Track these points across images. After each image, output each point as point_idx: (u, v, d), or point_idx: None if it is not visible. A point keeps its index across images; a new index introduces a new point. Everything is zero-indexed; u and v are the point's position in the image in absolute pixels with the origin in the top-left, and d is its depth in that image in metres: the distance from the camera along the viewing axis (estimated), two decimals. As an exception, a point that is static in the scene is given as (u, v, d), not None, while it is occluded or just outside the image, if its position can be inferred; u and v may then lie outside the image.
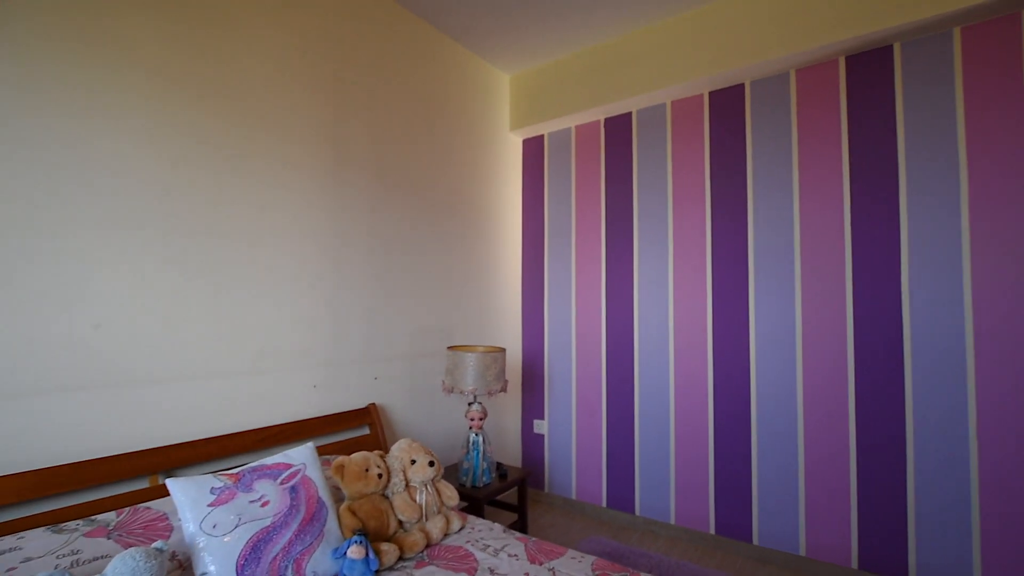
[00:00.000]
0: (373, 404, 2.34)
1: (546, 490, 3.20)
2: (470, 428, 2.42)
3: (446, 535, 1.65)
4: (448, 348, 2.53)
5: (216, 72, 1.84)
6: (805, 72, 2.45)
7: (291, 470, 1.50)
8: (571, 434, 3.12)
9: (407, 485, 1.68)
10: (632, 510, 2.86)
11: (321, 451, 2.00)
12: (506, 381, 2.50)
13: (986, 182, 2.05)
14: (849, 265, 2.31)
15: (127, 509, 1.41)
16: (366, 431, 2.31)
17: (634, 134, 2.97)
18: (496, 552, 1.55)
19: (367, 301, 2.37)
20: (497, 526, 1.75)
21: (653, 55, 2.74)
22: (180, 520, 1.33)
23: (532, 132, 3.34)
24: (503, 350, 2.52)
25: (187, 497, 1.31)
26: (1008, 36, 2.03)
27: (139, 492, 1.56)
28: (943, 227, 2.12)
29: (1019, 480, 1.96)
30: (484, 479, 2.35)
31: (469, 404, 2.47)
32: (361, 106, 2.37)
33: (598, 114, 3.05)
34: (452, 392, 2.44)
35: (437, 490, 1.74)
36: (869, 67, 2.30)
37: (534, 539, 1.66)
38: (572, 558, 1.53)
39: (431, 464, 1.72)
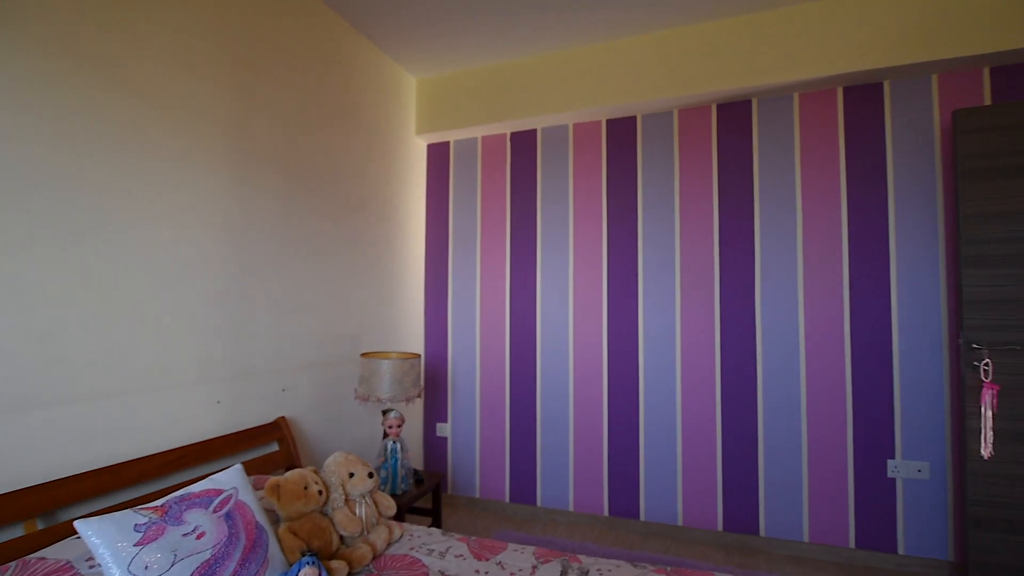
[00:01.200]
0: (283, 418, 2.19)
1: (450, 491, 3.26)
2: (387, 436, 2.39)
3: (389, 545, 1.65)
4: (362, 355, 2.47)
5: (100, 33, 1.59)
6: (685, 113, 2.87)
7: (223, 496, 1.38)
8: (475, 435, 3.22)
9: (346, 499, 1.63)
10: (534, 502, 3.06)
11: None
12: (422, 387, 2.52)
13: (814, 219, 2.63)
14: (717, 280, 2.77)
15: (12, 564, 1.17)
16: (275, 448, 2.16)
17: (539, 150, 3.18)
18: (442, 555, 1.60)
19: (274, 307, 2.21)
20: (435, 530, 1.79)
21: (558, 80, 2.97)
22: (98, 565, 1.16)
23: (438, 138, 3.37)
24: (419, 356, 2.54)
25: (105, 539, 1.14)
26: (830, 102, 2.62)
27: (13, 542, 1.30)
28: (785, 255, 2.66)
29: (833, 451, 2.55)
30: (403, 486, 2.34)
31: (385, 412, 2.44)
32: (270, 96, 2.20)
33: (504, 128, 3.19)
34: (368, 400, 2.39)
35: (375, 501, 1.72)
36: (735, 115, 2.78)
37: (473, 538, 1.73)
38: (514, 550, 1.64)
39: (371, 475, 1.69)
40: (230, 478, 1.45)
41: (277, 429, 2.14)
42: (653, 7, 2.54)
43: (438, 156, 3.42)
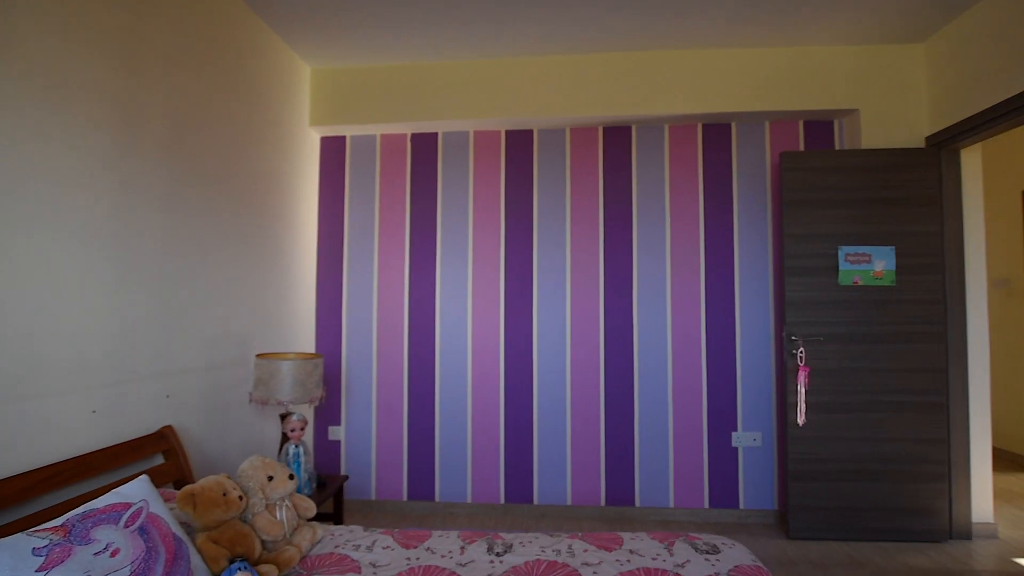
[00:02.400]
0: (169, 427, 1.98)
1: (344, 496, 3.17)
2: (288, 440, 2.28)
3: (313, 545, 1.61)
4: (257, 356, 2.33)
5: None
6: (577, 131, 3.18)
7: (132, 509, 1.26)
8: (371, 436, 3.18)
9: (266, 504, 1.57)
10: (432, 497, 3.12)
11: (107, 491, 1.63)
12: (323, 388, 2.45)
13: (680, 234, 3.10)
14: (602, 284, 3.11)
15: None
16: (160, 460, 1.94)
17: (440, 153, 3.25)
18: (369, 548, 1.62)
19: (157, 304, 1.99)
20: (356, 528, 1.78)
21: (461, 87, 3.08)
22: (-13, 598, 1.00)
23: (333, 132, 3.27)
24: (321, 356, 2.46)
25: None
26: (693, 135, 3.12)
27: None
28: (657, 264, 3.09)
29: (693, 430, 3.02)
30: (307, 491, 2.26)
31: (283, 416, 2.33)
32: (159, 72, 1.99)
33: (405, 128, 3.22)
34: (266, 404, 2.26)
35: (293, 504, 1.67)
36: (618, 139, 3.16)
37: (397, 530, 1.77)
38: (440, 536, 1.72)
39: (291, 477, 1.64)
40: (137, 490, 1.33)
41: (163, 439, 1.94)
42: (551, 34, 2.79)
43: (333, 150, 3.32)
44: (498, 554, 1.59)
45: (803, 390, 2.71)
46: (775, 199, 3.06)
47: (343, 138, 3.31)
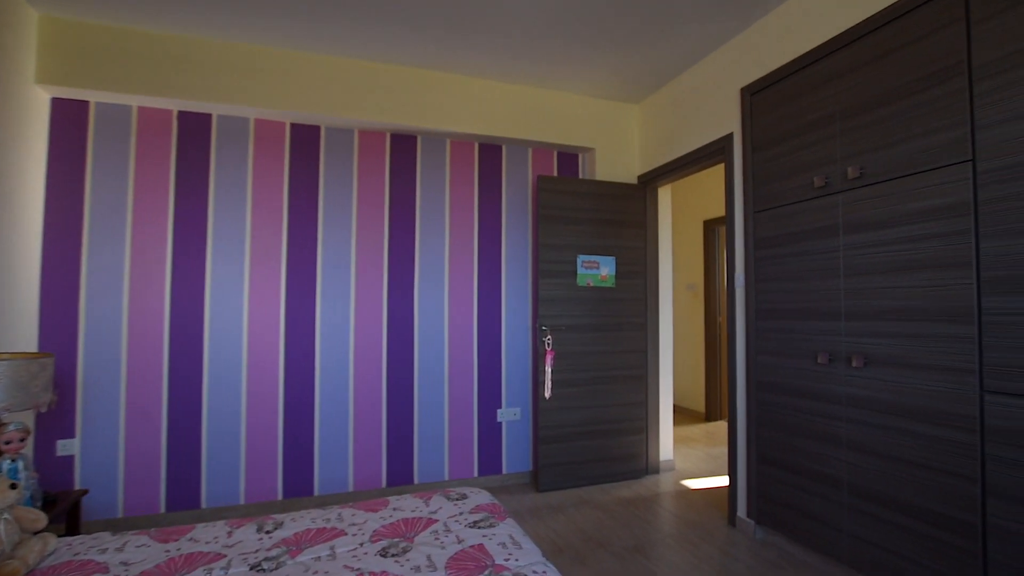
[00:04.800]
0: None
1: (83, 517, 2.72)
2: (2, 454, 1.93)
3: (44, 557, 1.46)
4: (-46, 358, 1.92)
5: None
6: (366, 134, 3.33)
7: None
8: (118, 446, 2.81)
9: (-24, 519, 1.37)
10: (198, 505, 2.91)
11: None
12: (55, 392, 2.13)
13: (458, 238, 3.50)
14: (386, 280, 3.32)
15: None
16: None
17: (213, 136, 3.05)
18: (119, 549, 1.54)
19: None
20: (103, 534, 1.65)
21: (242, 71, 2.95)
22: None
23: (70, 94, 2.79)
24: (52, 356, 2.14)
25: None
26: (471, 151, 3.55)
27: None
28: (438, 265, 3.44)
29: (465, 409, 3.45)
30: (28, 510, 1.94)
31: (-6, 426, 1.97)
32: None
33: (171, 104, 2.93)
34: (-33, 414, 1.88)
35: (17, 517, 1.48)
36: (405, 147, 3.40)
37: (152, 528, 1.70)
38: (205, 527, 1.72)
39: (13, 487, 1.46)
40: None
41: None
42: (339, 35, 2.89)
43: (70, 116, 2.83)
44: (268, 532, 1.68)
45: (549, 370, 3.35)
46: (534, 213, 3.69)
47: (85, 104, 2.85)
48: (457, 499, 1.89)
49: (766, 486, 2.58)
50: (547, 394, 3.35)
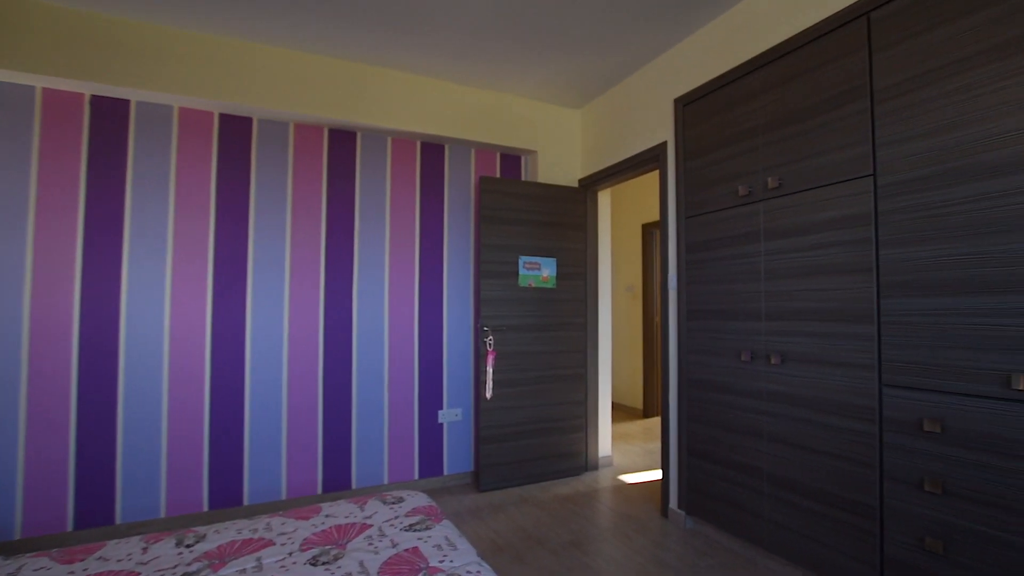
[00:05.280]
0: None
1: (-31, 541, 2.46)
2: None
3: (-81, 588, 1.31)
4: None
5: None
6: (302, 128, 3.21)
7: None
8: (15, 461, 2.55)
9: None
10: (112, 521, 2.70)
11: None
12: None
13: (399, 240, 3.44)
14: (323, 279, 3.22)
15: None
16: None
17: (132, 123, 2.84)
18: (16, 571, 1.40)
19: None
20: (-8, 557, 1.50)
21: (163, 56, 2.76)
22: None
23: (-40, 71, 2.51)
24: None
25: None
26: (412, 150, 3.50)
27: None
28: (377, 265, 3.36)
29: (405, 411, 3.39)
30: (-98, 536, 1.73)
31: None
32: None
33: (82, 87, 2.70)
34: None
35: None
36: (344, 142, 3.31)
37: (55, 549, 1.56)
38: (117, 544, 1.60)
39: None
40: None
41: None
42: (272, 25, 2.77)
43: (-40, 96, 2.54)
44: (188, 546, 1.58)
45: (491, 370, 3.37)
46: (476, 214, 3.69)
47: (-23, 81, 2.57)
48: (393, 503, 1.86)
49: (696, 478, 2.71)
50: (488, 394, 3.36)
